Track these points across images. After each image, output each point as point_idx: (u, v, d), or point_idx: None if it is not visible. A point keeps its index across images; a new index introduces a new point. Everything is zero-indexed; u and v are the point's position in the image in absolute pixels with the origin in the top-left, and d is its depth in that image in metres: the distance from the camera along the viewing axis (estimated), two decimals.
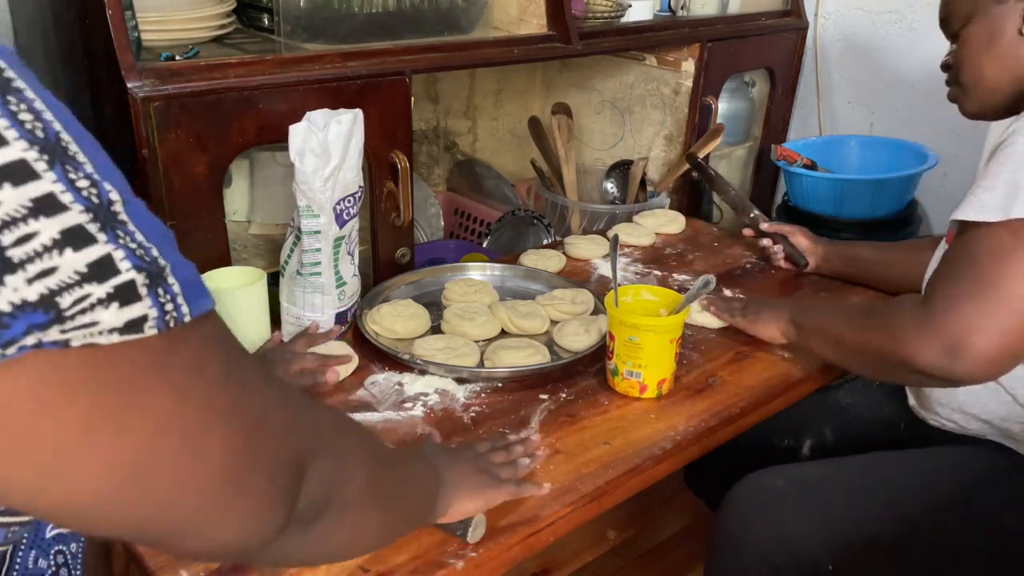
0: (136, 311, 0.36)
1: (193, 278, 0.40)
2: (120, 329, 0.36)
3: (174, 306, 0.38)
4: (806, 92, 2.16)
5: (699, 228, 1.68)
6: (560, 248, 1.51)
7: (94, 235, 0.35)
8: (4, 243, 0.33)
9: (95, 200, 0.36)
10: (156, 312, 0.37)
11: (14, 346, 0.33)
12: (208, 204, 1.16)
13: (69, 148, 0.36)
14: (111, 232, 0.36)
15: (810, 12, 2.05)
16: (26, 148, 0.34)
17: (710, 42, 1.76)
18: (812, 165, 1.91)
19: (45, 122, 0.36)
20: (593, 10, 1.67)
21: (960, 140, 1.92)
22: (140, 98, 1.05)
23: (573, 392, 1.08)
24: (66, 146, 0.36)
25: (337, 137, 1.06)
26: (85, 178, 0.36)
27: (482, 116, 2.21)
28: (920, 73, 1.96)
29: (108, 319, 0.35)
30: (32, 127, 0.35)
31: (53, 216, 0.34)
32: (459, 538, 0.80)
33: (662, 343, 1.04)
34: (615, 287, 1.09)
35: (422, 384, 1.08)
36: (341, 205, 1.10)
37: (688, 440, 0.99)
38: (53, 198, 0.34)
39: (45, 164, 0.34)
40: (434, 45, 1.35)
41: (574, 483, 0.90)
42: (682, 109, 1.82)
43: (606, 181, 1.88)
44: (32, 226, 0.33)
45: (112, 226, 0.36)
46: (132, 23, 1.10)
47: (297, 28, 1.30)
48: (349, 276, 1.16)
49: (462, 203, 2.08)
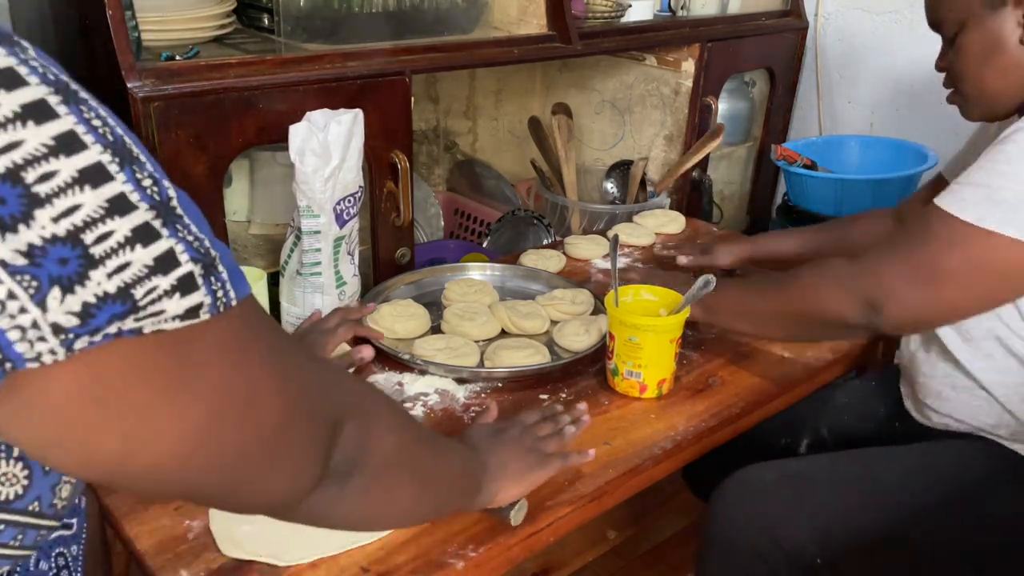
0: (194, 299, 0.40)
1: (234, 265, 0.44)
2: (181, 316, 0.40)
3: (223, 292, 0.42)
4: (806, 92, 2.16)
5: (699, 228, 1.68)
6: (560, 248, 1.51)
7: (158, 231, 0.39)
8: (87, 241, 0.36)
9: (157, 198, 0.39)
10: (210, 299, 0.41)
11: (99, 334, 0.37)
12: (208, 204, 1.16)
13: (133, 150, 0.39)
14: (172, 227, 0.39)
15: (810, 12, 2.05)
16: (101, 151, 0.37)
17: (710, 42, 1.76)
18: (812, 165, 1.91)
19: (111, 127, 0.39)
20: (593, 10, 1.67)
21: (960, 140, 1.92)
22: (140, 98, 1.05)
23: (573, 392, 1.08)
24: (131, 148, 0.39)
25: (337, 137, 1.06)
26: (148, 177, 0.39)
27: (482, 116, 2.21)
28: (920, 73, 1.96)
29: (172, 308, 0.39)
30: (103, 131, 0.38)
31: (126, 215, 0.37)
32: (504, 521, 0.82)
33: (662, 343, 1.04)
34: (615, 287, 1.09)
35: (422, 384, 1.08)
36: (341, 205, 1.10)
37: (688, 440, 0.99)
38: (124, 198, 0.37)
39: (117, 166, 0.38)
40: (434, 45, 1.35)
41: (574, 483, 0.90)
42: (682, 109, 1.82)
43: (606, 181, 1.88)
44: (109, 225, 0.37)
45: (172, 221, 0.39)
46: (132, 23, 1.10)
47: (297, 28, 1.30)
48: (349, 276, 1.16)
49: (462, 203, 2.08)
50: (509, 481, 0.80)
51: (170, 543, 0.79)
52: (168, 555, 0.78)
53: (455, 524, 0.83)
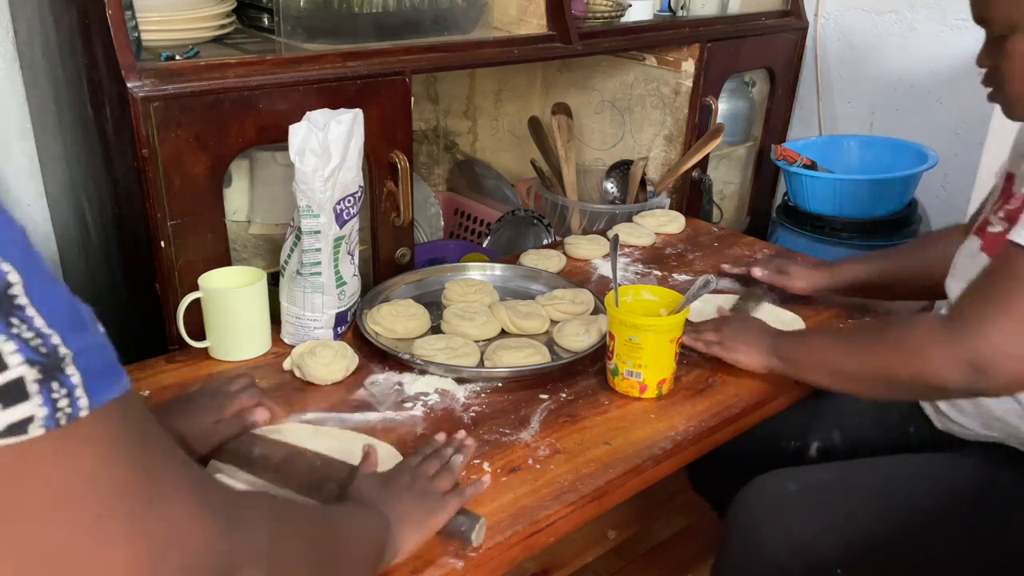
0: (21, 412, 0.33)
1: (102, 363, 0.36)
2: (2, 432, 0.32)
3: (70, 400, 0.34)
4: (806, 92, 2.16)
5: (699, 228, 1.68)
6: (560, 248, 1.51)
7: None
8: None
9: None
10: (46, 410, 0.33)
11: None
12: (208, 204, 1.16)
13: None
14: (2, 322, 0.32)
15: (810, 12, 2.05)
16: None
17: (710, 42, 1.76)
18: (812, 165, 1.91)
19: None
20: (593, 10, 1.67)
21: (960, 140, 1.93)
22: (140, 98, 1.05)
23: (573, 392, 1.08)
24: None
25: (337, 137, 1.06)
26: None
27: (482, 116, 2.21)
28: (920, 73, 1.96)
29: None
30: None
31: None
32: (465, 542, 0.80)
33: (662, 343, 1.04)
34: (615, 287, 1.09)
35: (422, 384, 1.08)
36: (341, 205, 1.10)
37: (688, 440, 0.99)
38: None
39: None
40: (434, 45, 1.35)
41: (574, 483, 0.90)
42: (682, 109, 1.82)
43: (606, 181, 1.88)
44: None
45: (5, 313, 0.32)
46: (132, 23, 1.10)
47: (297, 28, 1.30)
48: (349, 276, 1.16)
49: (462, 203, 2.08)
50: (411, 531, 0.77)
51: None
52: None
53: None
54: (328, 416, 1.01)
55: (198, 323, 1.11)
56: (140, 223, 1.13)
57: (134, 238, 1.17)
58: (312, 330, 1.16)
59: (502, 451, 0.95)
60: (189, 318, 1.10)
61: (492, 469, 0.92)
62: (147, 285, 1.17)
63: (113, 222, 1.26)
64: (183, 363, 1.11)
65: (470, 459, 0.92)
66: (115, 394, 0.36)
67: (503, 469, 0.92)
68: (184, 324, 1.10)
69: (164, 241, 1.13)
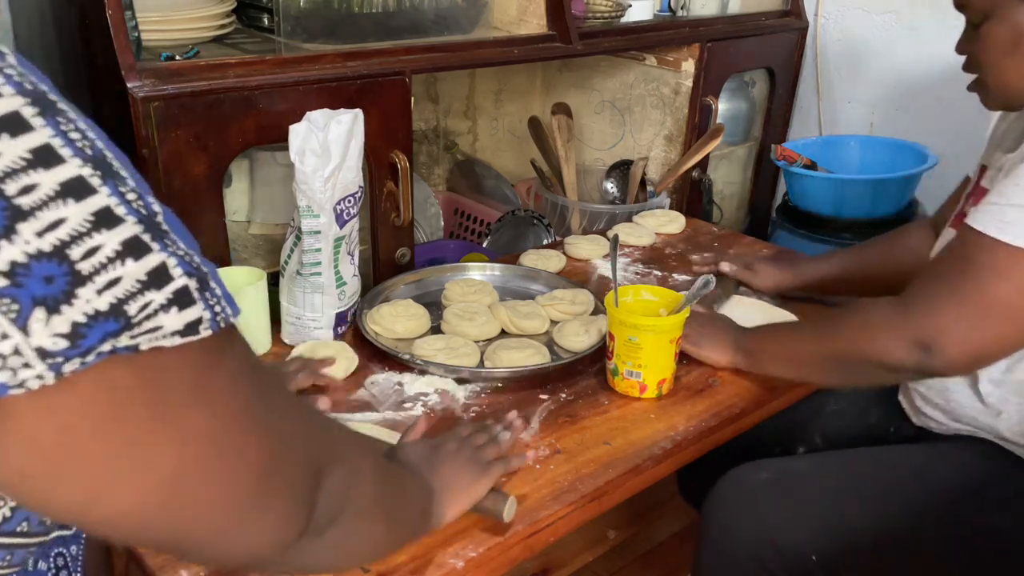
0: (193, 313, 0.38)
1: (224, 285, 0.42)
2: (181, 331, 0.38)
3: (221, 307, 0.40)
4: (806, 92, 2.16)
5: (699, 228, 1.68)
6: (560, 248, 1.51)
7: (149, 245, 0.37)
8: (74, 257, 0.34)
9: (143, 212, 0.37)
10: (209, 314, 0.39)
11: (92, 353, 0.35)
12: (208, 204, 1.16)
13: (114, 164, 0.37)
14: (161, 241, 0.37)
15: (810, 12, 2.05)
16: (81, 165, 0.35)
17: (710, 42, 1.76)
18: (812, 165, 1.91)
19: (90, 140, 0.37)
20: (593, 10, 1.67)
21: (960, 140, 1.92)
22: (140, 98, 1.05)
23: (573, 392, 1.08)
24: (111, 162, 0.37)
25: (337, 137, 1.06)
26: (132, 191, 0.37)
27: (482, 116, 2.21)
28: (920, 73, 1.96)
29: (170, 323, 0.37)
30: (82, 145, 0.36)
31: (113, 228, 0.35)
32: (497, 519, 0.82)
33: (662, 343, 1.04)
34: (615, 287, 1.09)
35: (422, 384, 1.08)
36: (341, 205, 1.10)
37: (688, 440, 0.99)
38: (110, 211, 0.36)
39: (99, 179, 0.36)
40: (434, 45, 1.35)
41: (574, 483, 0.90)
42: (682, 109, 1.82)
43: (606, 181, 1.88)
44: (96, 239, 0.35)
45: (161, 236, 0.37)
46: (132, 23, 1.10)
47: (297, 28, 1.30)
48: (349, 276, 1.16)
49: (462, 203, 2.08)
50: (455, 498, 0.78)
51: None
52: (167, 555, 0.78)
53: (455, 524, 0.83)
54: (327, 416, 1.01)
55: None
56: None
57: None
58: (312, 330, 1.16)
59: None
60: None
61: None
62: None
63: None
64: None
65: (517, 438, 0.93)
66: (239, 311, 0.42)
67: None
68: None
69: None
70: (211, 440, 0.41)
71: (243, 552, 0.48)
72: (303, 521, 0.49)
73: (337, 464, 0.53)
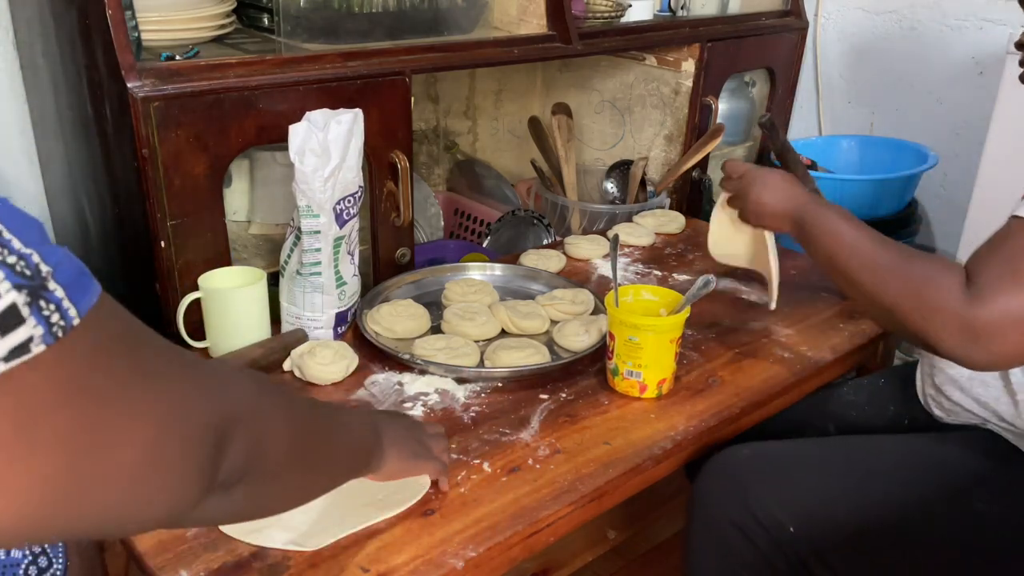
0: (20, 336, 0.34)
1: (74, 273, 0.38)
2: (4, 358, 0.34)
3: (60, 314, 0.36)
4: (806, 92, 2.16)
5: (699, 228, 1.68)
6: (560, 248, 1.51)
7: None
8: None
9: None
10: (42, 329, 0.35)
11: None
12: (208, 204, 1.16)
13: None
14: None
15: (810, 12, 2.05)
16: None
17: (710, 42, 1.76)
18: (812, 165, 1.91)
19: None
20: (593, 10, 1.67)
21: (960, 140, 1.93)
22: (140, 98, 1.05)
23: (573, 392, 1.08)
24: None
25: (337, 137, 1.06)
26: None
27: (482, 116, 2.21)
28: (920, 73, 1.96)
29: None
30: None
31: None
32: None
33: (662, 343, 1.04)
34: (615, 287, 1.09)
35: (422, 384, 1.08)
36: (341, 205, 1.10)
37: (688, 440, 1.00)
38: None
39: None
40: (434, 45, 1.35)
41: (574, 483, 0.90)
42: (682, 109, 1.82)
43: (606, 181, 1.88)
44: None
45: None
46: (132, 23, 1.10)
47: (297, 28, 1.30)
48: (349, 276, 1.16)
49: (462, 203, 2.08)
50: (397, 459, 0.79)
51: (170, 543, 0.79)
52: (168, 555, 0.78)
53: (455, 524, 0.84)
54: None
55: (198, 323, 1.11)
56: (140, 223, 1.13)
57: (134, 238, 1.17)
58: (312, 330, 1.16)
59: (502, 451, 0.95)
60: (189, 318, 1.10)
61: (492, 469, 0.92)
62: (147, 285, 1.17)
63: (113, 222, 1.26)
64: None
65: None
66: (95, 297, 0.39)
67: (503, 469, 0.92)
68: (184, 324, 1.10)
69: (164, 241, 1.13)
70: (82, 436, 0.38)
71: (141, 524, 0.46)
72: (202, 487, 0.47)
73: (239, 426, 0.50)
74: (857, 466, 1.00)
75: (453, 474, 0.90)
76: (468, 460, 0.93)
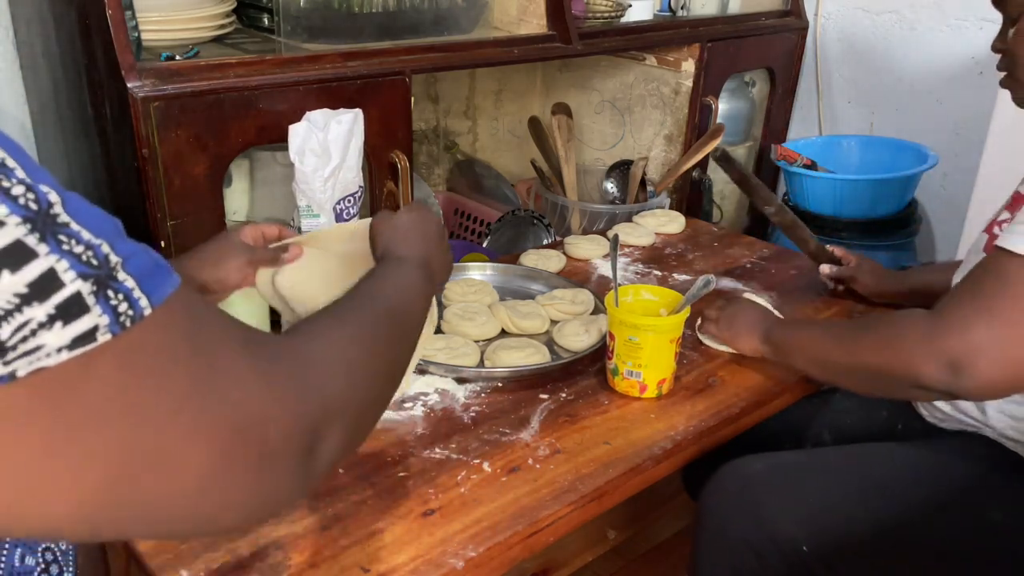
0: (84, 324, 0.34)
1: (150, 265, 0.37)
2: (68, 347, 0.33)
3: (129, 303, 0.35)
4: (806, 92, 2.16)
5: (699, 228, 1.68)
6: (560, 248, 1.51)
7: (33, 249, 0.32)
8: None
9: (33, 207, 0.33)
10: (108, 318, 0.34)
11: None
12: (208, 204, 1.16)
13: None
14: (52, 240, 0.33)
15: (810, 12, 2.05)
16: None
17: (710, 42, 1.76)
18: (812, 165, 1.91)
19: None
20: (593, 10, 1.67)
21: (960, 140, 1.93)
22: (140, 98, 1.05)
23: (573, 392, 1.08)
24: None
25: (337, 137, 1.06)
26: (19, 184, 0.33)
27: (482, 116, 2.21)
28: (920, 73, 1.96)
29: (53, 340, 0.33)
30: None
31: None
32: None
33: (662, 343, 1.04)
34: (615, 287, 1.09)
35: (422, 384, 1.07)
36: (341, 205, 1.10)
37: (688, 440, 0.99)
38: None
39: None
40: (434, 45, 1.35)
41: (574, 483, 0.90)
42: (682, 109, 1.82)
43: (606, 181, 1.88)
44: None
45: (54, 232, 0.33)
46: (132, 23, 1.10)
47: (297, 28, 1.30)
48: None
49: (462, 203, 2.08)
50: (441, 273, 0.79)
51: (170, 543, 0.79)
52: (168, 555, 0.78)
53: (455, 524, 0.83)
54: None
55: None
56: (140, 223, 1.13)
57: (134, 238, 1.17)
58: None
59: (502, 451, 0.95)
60: None
61: (492, 469, 0.92)
62: None
63: None
64: None
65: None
66: (170, 289, 0.37)
67: (503, 469, 0.92)
68: None
69: (164, 241, 1.13)
70: (131, 444, 0.36)
71: (214, 531, 0.44)
72: (301, 482, 0.44)
73: (333, 421, 0.47)
74: (868, 477, 1.00)
75: (453, 474, 0.90)
76: (468, 460, 0.93)
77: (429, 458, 0.93)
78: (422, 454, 0.94)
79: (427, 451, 0.95)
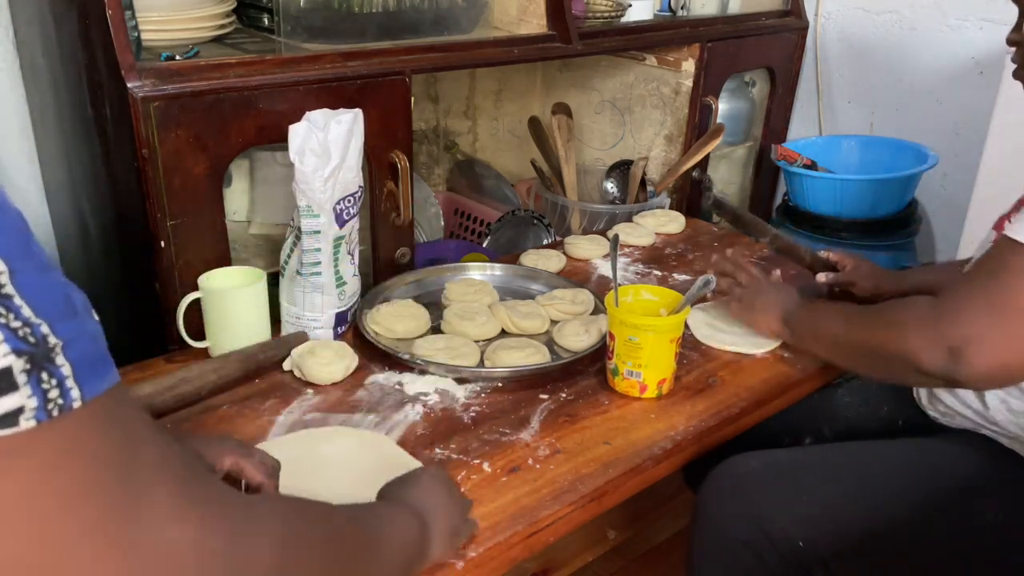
0: (10, 403, 0.31)
1: (93, 353, 0.35)
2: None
3: (60, 391, 0.33)
4: (806, 92, 2.16)
5: (699, 228, 1.68)
6: (560, 248, 1.51)
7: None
8: None
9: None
10: (36, 401, 0.32)
11: None
12: (208, 204, 1.16)
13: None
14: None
15: (810, 12, 2.05)
16: None
17: (710, 42, 1.76)
18: (812, 165, 1.91)
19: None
20: (593, 10, 1.66)
21: (960, 140, 1.92)
22: (140, 98, 1.05)
23: (573, 392, 1.08)
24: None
25: (337, 137, 1.06)
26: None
27: (482, 116, 2.21)
28: (920, 73, 1.96)
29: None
30: None
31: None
32: None
33: (662, 343, 1.04)
34: (615, 287, 1.09)
35: (422, 384, 1.08)
36: (341, 205, 1.10)
37: (688, 440, 0.99)
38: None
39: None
40: (434, 45, 1.35)
41: (574, 483, 0.90)
42: (682, 109, 1.82)
43: (606, 181, 1.88)
44: None
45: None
46: (132, 23, 1.10)
47: (297, 28, 1.30)
48: (349, 276, 1.16)
49: (462, 203, 2.08)
50: (446, 537, 0.73)
51: None
52: None
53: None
54: (328, 416, 1.01)
55: (198, 323, 1.11)
56: (140, 223, 1.13)
57: (134, 238, 1.17)
58: (312, 330, 1.16)
59: (502, 451, 0.95)
60: (189, 318, 1.10)
61: (492, 469, 0.92)
62: (147, 285, 1.17)
63: (113, 222, 1.26)
64: (183, 363, 1.11)
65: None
66: (106, 385, 0.35)
67: (503, 469, 0.92)
68: (184, 324, 1.10)
69: (164, 241, 1.13)
70: (35, 570, 0.32)
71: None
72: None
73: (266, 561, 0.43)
74: (864, 475, 1.00)
75: (453, 474, 0.90)
76: (468, 460, 0.93)
77: (429, 458, 0.93)
78: (422, 454, 0.94)
79: (427, 451, 0.95)
